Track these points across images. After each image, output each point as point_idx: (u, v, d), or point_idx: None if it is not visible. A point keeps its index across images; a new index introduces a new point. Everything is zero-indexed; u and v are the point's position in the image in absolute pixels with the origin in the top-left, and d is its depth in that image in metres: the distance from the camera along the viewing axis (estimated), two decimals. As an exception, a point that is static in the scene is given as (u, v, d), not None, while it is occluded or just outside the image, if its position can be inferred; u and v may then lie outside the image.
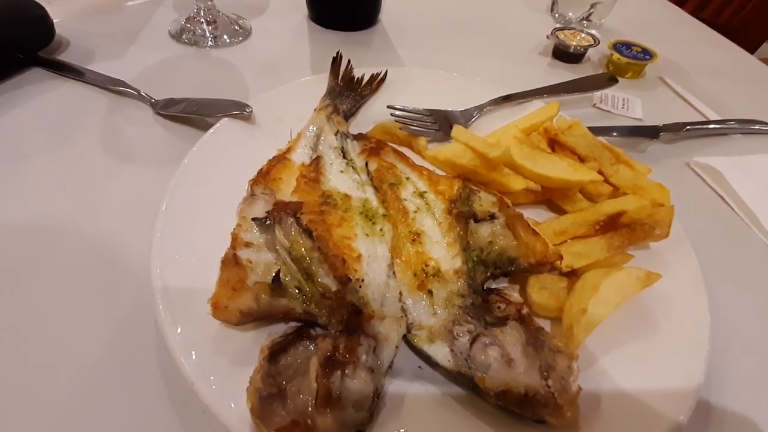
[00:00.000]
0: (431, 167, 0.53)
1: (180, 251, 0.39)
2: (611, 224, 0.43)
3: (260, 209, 0.42)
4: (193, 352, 0.31)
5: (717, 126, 0.68)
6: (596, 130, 0.61)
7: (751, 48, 1.54)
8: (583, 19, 0.95)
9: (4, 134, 0.57)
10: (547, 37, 0.82)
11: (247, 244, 0.39)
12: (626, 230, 0.42)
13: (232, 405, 0.29)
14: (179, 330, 0.33)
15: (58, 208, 0.49)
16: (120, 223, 0.48)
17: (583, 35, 0.83)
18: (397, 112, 0.58)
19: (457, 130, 0.53)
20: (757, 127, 0.70)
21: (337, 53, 0.63)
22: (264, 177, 0.46)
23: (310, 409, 0.28)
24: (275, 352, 0.32)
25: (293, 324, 0.36)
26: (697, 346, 0.36)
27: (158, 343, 0.37)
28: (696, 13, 1.60)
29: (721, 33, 1.06)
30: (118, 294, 0.41)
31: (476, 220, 0.44)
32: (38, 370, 0.36)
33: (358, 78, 0.63)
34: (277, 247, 0.39)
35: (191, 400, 0.31)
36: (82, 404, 0.34)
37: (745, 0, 1.54)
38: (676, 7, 1.10)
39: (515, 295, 0.39)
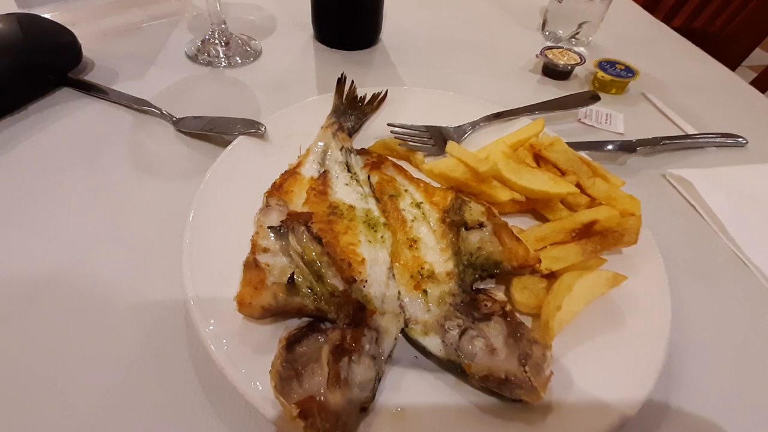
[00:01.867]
0: (428, 180, 0.58)
1: (206, 256, 0.44)
2: (585, 232, 0.48)
3: (275, 219, 0.48)
4: (224, 342, 0.37)
5: (692, 140, 0.74)
6: (579, 145, 0.66)
7: (742, 56, 1.60)
8: (571, 37, 1.01)
9: (39, 150, 0.62)
10: (537, 57, 0.88)
11: (265, 250, 0.44)
12: (598, 237, 0.48)
13: (259, 386, 0.35)
14: (211, 324, 0.38)
15: (90, 217, 0.54)
16: (146, 230, 0.53)
17: (571, 54, 0.89)
18: (396, 129, 0.63)
19: (450, 146, 0.58)
20: (729, 141, 0.76)
21: (342, 75, 0.69)
22: (277, 190, 0.52)
23: (322, 389, 0.33)
24: (291, 343, 0.37)
25: (306, 319, 0.41)
26: (658, 340, 0.42)
27: (188, 336, 0.43)
28: (688, 23, 1.66)
29: (711, 41, 1.12)
30: (149, 295, 0.47)
31: (467, 228, 0.49)
32: (83, 362, 0.41)
33: (360, 97, 0.68)
34: (291, 253, 0.45)
35: (220, 383, 0.37)
36: (124, 391, 0.40)
37: (736, 9, 1.59)
38: (662, 24, 1.16)
39: (500, 295, 0.44)
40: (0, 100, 0.65)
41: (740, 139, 0.76)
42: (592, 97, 0.73)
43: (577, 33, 0.99)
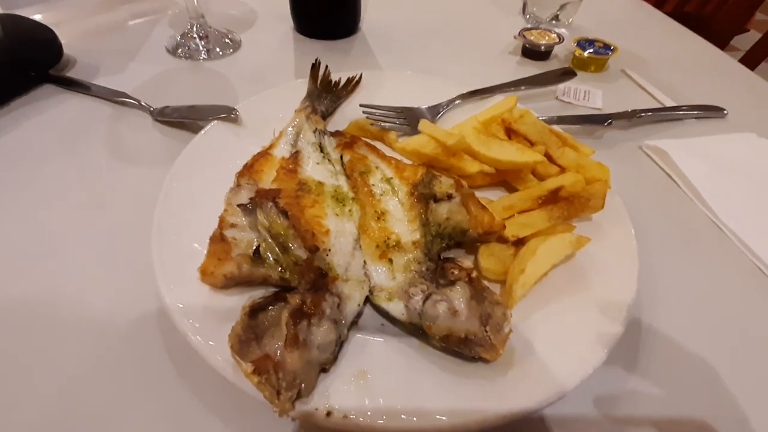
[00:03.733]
0: (400, 158, 0.59)
1: (175, 232, 0.45)
2: (552, 198, 0.49)
3: (245, 197, 0.48)
4: (186, 310, 0.38)
5: (667, 112, 0.73)
6: (553, 120, 0.67)
7: (729, 36, 1.59)
8: (552, 19, 1.01)
9: (22, 143, 0.64)
10: (515, 38, 0.88)
11: (233, 225, 0.45)
12: (565, 203, 0.48)
13: (218, 349, 0.35)
14: (175, 294, 0.39)
15: (71, 203, 0.56)
16: (124, 213, 0.54)
17: (550, 34, 0.89)
18: (369, 110, 0.64)
19: (423, 124, 0.59)
20: (709, 113, 0.75)
21: (316, 60, 0.70)
22: (248, 170, 0.52)
23: (280, 349, 0.34)
24: (255, 310, 0.38)
25: (272, 289, 0.42)
26: (621, 300, 0.42)
27: (157, 307, 0.44)
28: (680, 7, 1.66)
29: (702, 25, 1.11)
30: (124, 270, 0.48)
31: (436, 201, 0.50)
32: (59, 331, 0.43)
33: (335, 81, 0.69)
34: (259, 228, 0.45)
35: (185, 350, 0.37)
36: (97, 356, 0.41)
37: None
38: (645, 3, 1.15)
39: (467, 262, 0.45)
40: (-18, 97, 0.66)
41: (723, 111, 0.76)
42: (566, 73, 0.73)
43: (558, 14, 0.99)
